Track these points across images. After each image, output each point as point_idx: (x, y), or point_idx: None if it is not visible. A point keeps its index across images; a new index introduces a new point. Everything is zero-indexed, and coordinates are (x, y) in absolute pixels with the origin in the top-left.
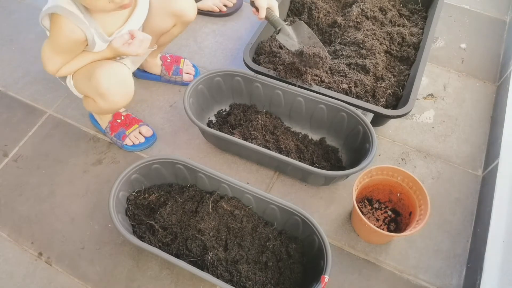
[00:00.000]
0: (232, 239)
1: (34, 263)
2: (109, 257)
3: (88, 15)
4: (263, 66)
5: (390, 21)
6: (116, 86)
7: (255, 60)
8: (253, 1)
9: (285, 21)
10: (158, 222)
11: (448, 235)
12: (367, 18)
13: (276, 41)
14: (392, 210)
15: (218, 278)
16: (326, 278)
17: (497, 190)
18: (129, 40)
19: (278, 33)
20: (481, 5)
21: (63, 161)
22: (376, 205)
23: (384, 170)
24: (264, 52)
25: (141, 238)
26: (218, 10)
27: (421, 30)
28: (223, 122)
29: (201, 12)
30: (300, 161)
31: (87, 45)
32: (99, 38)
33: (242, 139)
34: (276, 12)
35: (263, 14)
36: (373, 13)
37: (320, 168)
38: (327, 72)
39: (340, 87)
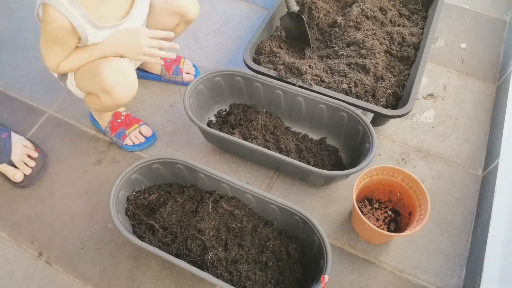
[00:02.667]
0: (232, 239)
1: (34, 263)
2: (109, 257)
3: (77, 3)
4: (263, 66)
5: (390, 21)
6: (121, 82)
7: (255, 60)
8: None
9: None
10: (158, 222)
11: (448, 235)
12: (367, 18)
13: (275, 39)
14: (392, 210)
15: (218, 278)
16: (326, 278)
17: (497, 190)
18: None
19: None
20: (481, 5)
21: (63, 161)
22: (376, 205)
23: (384, 170)
24: (264, 52)
25: (141, 238)
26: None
27: (421, 30)
28: (223, 122)
29: None
30: (300, 161)
31: (80, 38)
32: (89, 25)
33: (242, 139)
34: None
35: None
36: (373, 13)
37: (320, 168)
38: (327, 72)
39: (340, 87)
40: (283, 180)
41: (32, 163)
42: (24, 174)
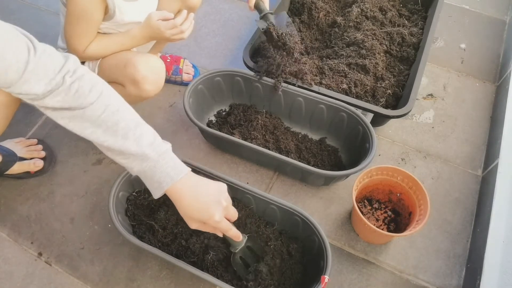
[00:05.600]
0: None
1: (34, 263)
2: (109, 257)
3: None
4: None
5: (390, 21)
6: (152, 75)
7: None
8: None
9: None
10: (158, 222)
11: (448, 235)
12: (367, 18)
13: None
14: (392, 210)
15: (218, 278)
16: (326, 278)
17: (497, 190)
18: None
19: (261, 18)
20: (481, 5)
21: (63, 161)
22: (376, 205)
23: (384, 170)
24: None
25: (141, 238)
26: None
27: (421, 30)
28: (223, 122)
29: None
30: (300, 161)
31: (105, 13)
32: None
33: (242, 139)
34: (267, 4)
35: (252, 2)
36: (373, 13)
37: (320, 168)
38: (327, 72)
39: (340, 87)
40: (283, 180)
41: (40, 147)
42: (41, 159)
